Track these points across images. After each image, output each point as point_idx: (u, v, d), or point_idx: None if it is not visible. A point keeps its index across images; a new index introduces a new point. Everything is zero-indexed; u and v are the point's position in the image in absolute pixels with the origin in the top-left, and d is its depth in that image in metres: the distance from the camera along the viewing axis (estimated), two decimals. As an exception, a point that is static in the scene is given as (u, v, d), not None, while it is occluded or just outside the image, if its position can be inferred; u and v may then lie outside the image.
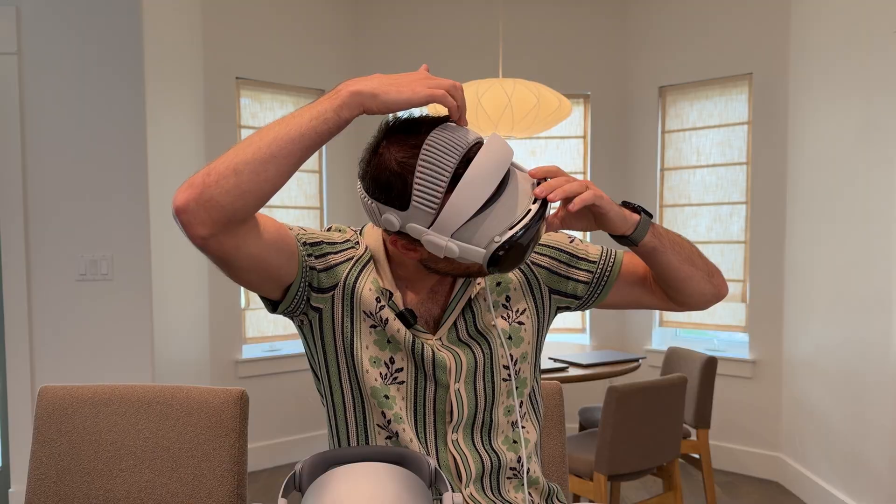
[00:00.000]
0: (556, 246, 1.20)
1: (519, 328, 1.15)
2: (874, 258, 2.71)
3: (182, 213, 0.86)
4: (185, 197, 0.86)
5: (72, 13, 2.85)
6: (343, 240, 1.12)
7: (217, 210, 0.87)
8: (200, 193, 0.86)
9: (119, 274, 2.90)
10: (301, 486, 0.78)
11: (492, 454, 1.12)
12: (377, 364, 1.09)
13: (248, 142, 0.89)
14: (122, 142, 2.88)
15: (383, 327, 1.08)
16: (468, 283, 1.13)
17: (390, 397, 1.09)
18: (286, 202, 3.91)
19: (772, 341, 3.63)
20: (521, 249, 0.96)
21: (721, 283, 1.18)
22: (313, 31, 3.96)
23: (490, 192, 0.93)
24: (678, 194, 3.98)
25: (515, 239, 0.94)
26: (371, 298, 1.08)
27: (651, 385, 2.35)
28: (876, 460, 2.71)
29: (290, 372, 3.90)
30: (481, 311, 1.13)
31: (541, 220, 0.96)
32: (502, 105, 2.83)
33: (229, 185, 0.87)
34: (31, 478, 1.40)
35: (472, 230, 0.95)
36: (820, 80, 3.19)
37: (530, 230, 0.95)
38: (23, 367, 2.89)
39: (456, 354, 1.11)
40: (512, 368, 1.14)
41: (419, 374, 1.10)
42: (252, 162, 0.87)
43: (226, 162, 0.88)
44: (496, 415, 1.13)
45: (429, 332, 1.11)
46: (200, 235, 0.88)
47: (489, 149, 0.94)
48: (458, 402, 1.10)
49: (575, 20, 4.14)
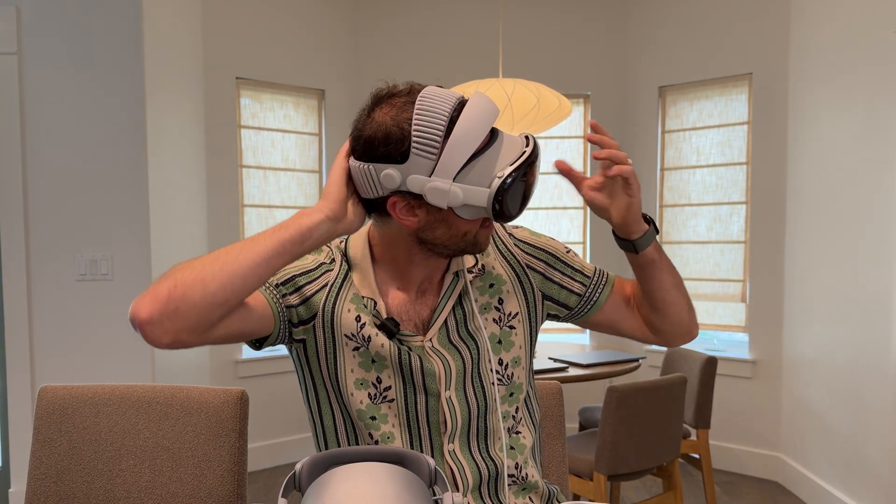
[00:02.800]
0: (553, 253, 1.19)
1: (510, 332, 1.14)
2: (874, 258, 2.71)
3: (146, 325, 0.88)
4: (149, 310, 0.87)
5: (72, 13, 2.85)
6: (317, 264, 1.12)
7: (183, 321, 0.89)
8: (165, 306, 0.88)
9: (119, 274, 2.90)
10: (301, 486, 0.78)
11: (489, 462, 1.11)
12: (364, 386, 1.08)
13: (213, 256, 0.93)
14: (122, 142, 2.88)
15: (367, 346, 1.08)
16: (456, 281, 1.12)
17: (378, 418, 1.08)
18: (286, 202, 3.91)
19: (772, 341, 3.63)
20: (523, 188, 0.98)
21: (695, 321, 1.19)
22: (313, 31, 3.96)
23: (486, 131, 0.97)
24: (678, 194, 3.98)
25: (518, 174, 0.96)
26: (351, 320, 1.08)
27: (651, 385, 2.35)
28: (876, 460, 2.71)
29: (290, 372, 3.90)
30: (472, 310, 1.12)
31: (536, 160, 0.99)
32: (502, 105, 2.83)
33: (195, 297, 0.89)
34: (31, 478, 1.40)
35: (474, 172, 0.97)
36: (820, 80, 3.19)
37: (530, 167, 0.98)
38: (23, 367, 2.89)
39: (444, 360, 1.09)
40: (503, 372, 1.13)
41: (408, 388, 1.08)
42: (220, 273, 0.90)
43: (193, 274, 0.89)
44: (491, 421, 1.12)
45: (418, 335, 1.10)
46: (165, 343, 0.90)
47: (480, 96, 0.99)
48: (451, 410, 1.09)
49: (575, 20, 4.14)
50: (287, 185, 3.92)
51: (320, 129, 4.04)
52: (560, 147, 4.19)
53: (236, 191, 3.71)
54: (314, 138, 4.02)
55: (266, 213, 3.85)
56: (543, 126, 2.99)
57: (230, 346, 3.72)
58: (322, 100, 4.02)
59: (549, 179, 4.19)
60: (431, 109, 0.96)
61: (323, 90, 4.01)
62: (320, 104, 4.03)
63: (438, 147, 0.95)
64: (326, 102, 4.02)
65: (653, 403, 2.36)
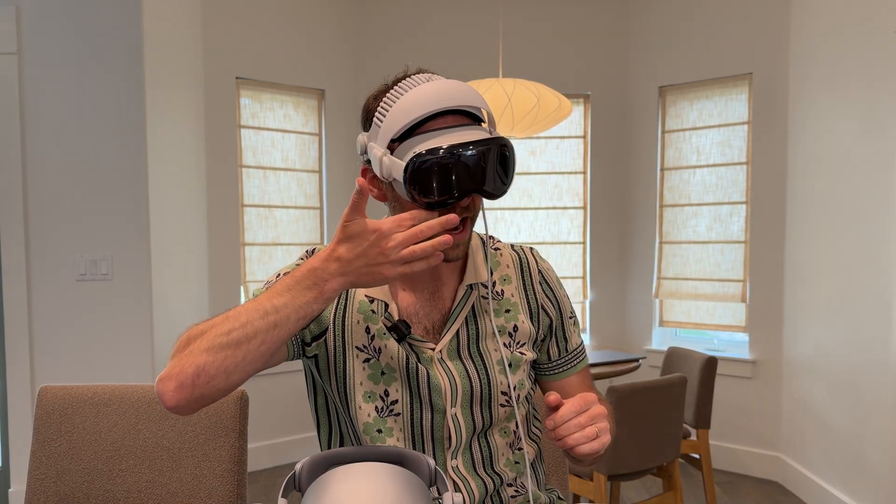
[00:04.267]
0: (562, 311, 1.19)
1: (521, 357, 1.14)
2: (874, 258, 2.71)
3: (173, 410, 0.92)
4: (176, 397, 0.90)
5: (72, 13, 2.85)
6: None
7: (207, 401, 0.93)
8: (191, 394, 0.91)
9: (119, 274, 2.90)
10: (301, 486, 0.78)
11: (494, 477, 1.12)
12: (372, 399, 1.08)
13: (236, 341, 0.90)
14: (122, 142, 2.88)
15: (377, 357, 1.07)
16: (469, 293, 1.12)
17: (383, 431, 1.08)
18: (286, 202, 3.91)
19: (772, 341, 3.63)
20: (441, 170, 0.95)
21: None
22: (313, 31, 3.96)
23: (428, 108, 0.97)
24: (678, 194, 3.98)
25: (433, 156, 0.95)
26: (361, 331, 1.08)
27: (651, 385, 2.35)
28: (876, 460, 2.71)
29: (290, 372, 3.90)
30: (486, 329, 1.12)
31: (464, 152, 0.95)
32: (502, 105, 2.83)
33: (220, 384, 0.91)
34: (31, 478, 1.40)
35: (407, 146, 0.98)
36: (820, 80, 3.19)
37: (456, 157, 0.95)
38: (23, 367, 2.89)
39: (451, 376, 1.09)
40: (510, 394, 1.12)
41: (414, 402, 1.08)
42: (242, 362, 0.91)
43: (216, 364, 0.90)
44: (493, 438, 1.12)
45: (429, 341, 1.09)
46: (186, 415, 0.97)
47: (444, 80, 1.00)
48: (456, 426, 1.09)
49: (575, 20, 4.14)
50: (287, 185, 3.92)
51: (320, 129, 4.04)
52: (560, 147, 4.19)
53: (236, 191, 3.71)
54: (314, 138, 4.02)
55: (266, 213, 3.85)
56: (543, 126, 2.99)
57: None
58: (322, 100, 4.02)
59: (549, 179, 4.19)
60: (401, 84, 1.00)
61: (323, 90, 4.01)
62: (320, 104, 4.03)
63: (385, 115, 0.99)
64: (326, 102, 4.02)
65: (653, 403, 2.36)
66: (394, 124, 0.98)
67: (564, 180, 4.21)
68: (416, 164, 0.95)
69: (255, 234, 3.82)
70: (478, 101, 1.02)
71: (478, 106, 1.02)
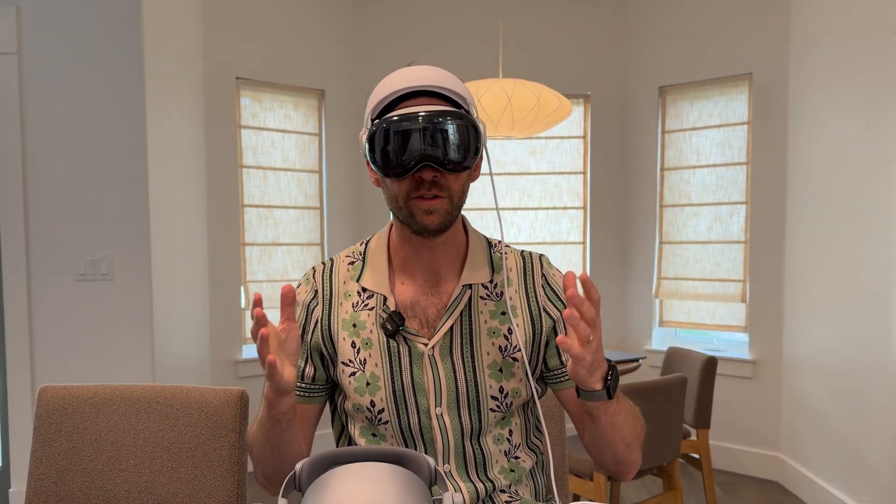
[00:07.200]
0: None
1: (512, 363, 1.11)
2: (874, 258, 2.71)
3: (266, 489, 1.14)
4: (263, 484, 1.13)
5: (72, 13, 2.85)
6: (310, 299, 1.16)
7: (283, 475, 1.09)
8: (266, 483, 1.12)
9: (119, 274, 2.90)
10: (301, 486, 0.78)
11: (486, 483, 1.11)
12: (360, 411, 1.11)
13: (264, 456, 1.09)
14: (122, 142, 2.88)
15: (362, 370, 1.10)
16: (464, 291, 1.12)
17: (378, 435, 1.11)
18: (286, 202, 3.91)
19: (772, 341, 3.63)
20: (387, 138, 1.01)
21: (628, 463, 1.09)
22: (313, 31, 3.96)
23: (396, 89, 1.03)
24: (678, 194, 3.98)
25: (385, 125, 1.01)
26: (347, 347, 1.12)
27: (651, 385, 2.35)
28: (876, 460, 2.71)
29: (290, 372, 3.90)
30: (480, 330, 1.11)
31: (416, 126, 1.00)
32: (502, 105, 2.83)
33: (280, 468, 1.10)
34: (31, 478, 1.40)
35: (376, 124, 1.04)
36: (820, 80, 3.19)
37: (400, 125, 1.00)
38: (23, 367, 2.89)
39: (437, 376, 1.09)
40: (502, 401, 1.10)
41: (400, 406, 1.09)
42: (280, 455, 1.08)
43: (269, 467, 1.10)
44: (486, 444, 1.11)
45: (423, 336, 1.09)
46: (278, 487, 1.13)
47: (423, 66, 1.07)
48: (442, 428, 1.09)
49: (575, 20, 4.14)
50: (287, 186, 3.92)
51: (320, 129, 4.04)
52: (560, 147, 4.19)
53: (236, 191, 3.71)
54: (314, 138, 4.02)
55: (266, 213, 3.85)
56: (543, 126, 2.99)
57: (230, 346, 3.73)
58: (322, 100, 4.02)
59: (549, 179, 4.19)
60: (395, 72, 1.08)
61: (323, 90, 4.01)
62: (320, 104, 4.03)
63: (368, 100, 1.09)
64: (326, 102, 4.02)
65: (653, 403, 2.36)
66: (372, 107, 1.06)
67: (564, 180, 4.21)
68: (370, 133, 1.03)
69: (255, 234, 3.82)
70: (451, 83, 1.06)
71: (450, 88, 1.05)
